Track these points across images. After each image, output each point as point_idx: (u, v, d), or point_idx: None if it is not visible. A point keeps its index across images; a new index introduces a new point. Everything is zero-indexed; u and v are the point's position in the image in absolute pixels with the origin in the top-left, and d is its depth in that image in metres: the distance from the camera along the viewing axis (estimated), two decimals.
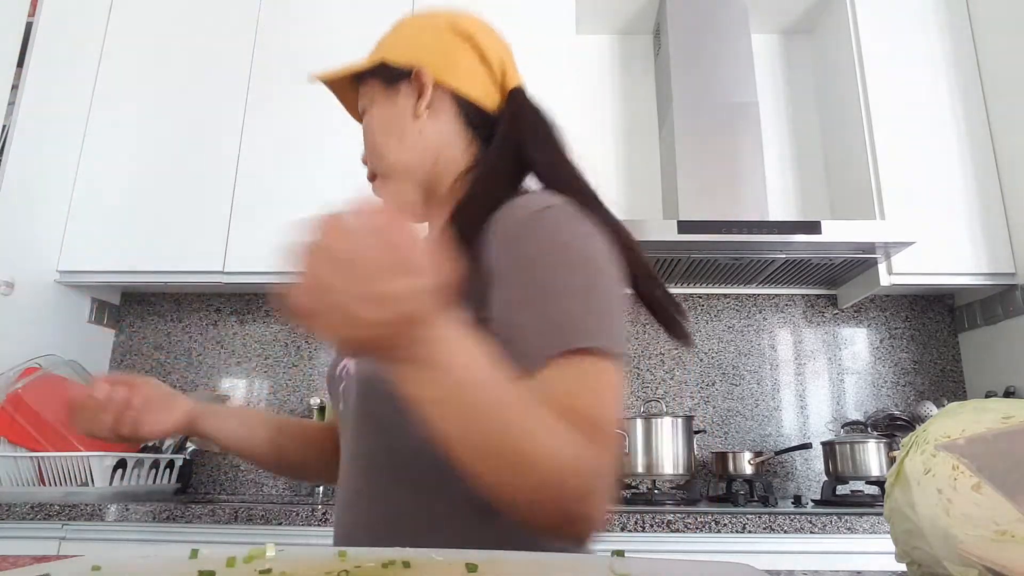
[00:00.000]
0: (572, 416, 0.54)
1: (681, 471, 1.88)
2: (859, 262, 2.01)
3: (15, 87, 1.96)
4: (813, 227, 1.86)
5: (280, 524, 1.56)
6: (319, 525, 1.57)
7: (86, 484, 1.73)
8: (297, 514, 1.57)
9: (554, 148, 0.77)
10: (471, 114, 0.77)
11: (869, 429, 2.05)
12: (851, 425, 2.09)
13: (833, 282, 2.23)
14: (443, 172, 0.77)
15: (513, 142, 0.75)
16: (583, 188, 0.73)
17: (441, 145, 0.77)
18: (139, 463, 1.88)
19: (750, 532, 1.53)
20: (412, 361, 0.48)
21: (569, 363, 0.57)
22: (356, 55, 2.31)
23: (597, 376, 0.58)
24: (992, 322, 2.07)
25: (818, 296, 2.31)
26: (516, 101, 0.78)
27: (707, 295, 2.32)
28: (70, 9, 2.15)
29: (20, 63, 1.98)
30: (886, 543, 1.56)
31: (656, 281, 0.71)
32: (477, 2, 2.27)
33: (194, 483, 2.20)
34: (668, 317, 0.70)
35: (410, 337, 0.46)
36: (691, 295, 2.32)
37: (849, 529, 1.52)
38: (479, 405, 0.49)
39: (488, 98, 0.78)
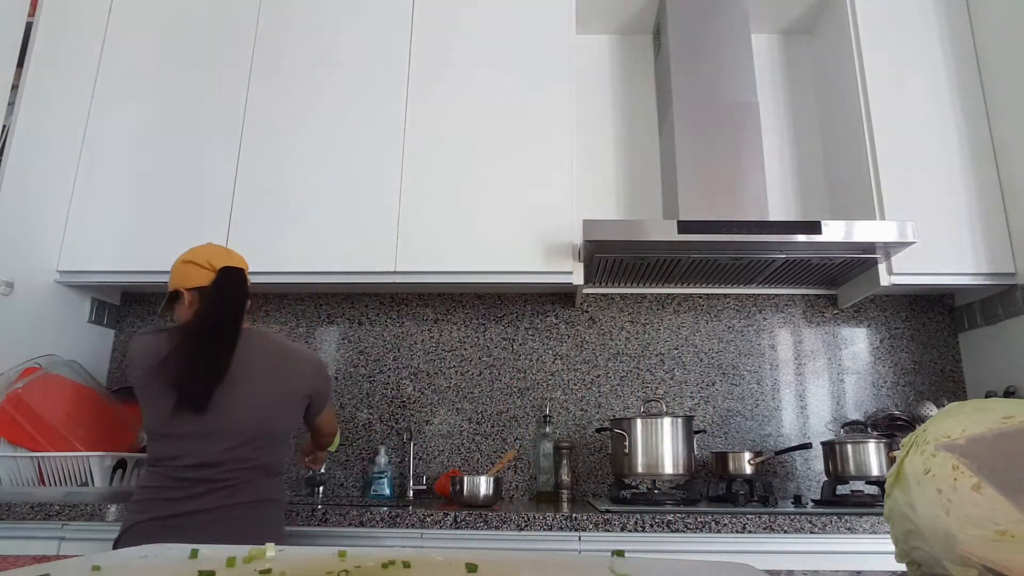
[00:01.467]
0: None
1: (681, 471, 1.88)
2: (859, 262, 2.01)
3: (15, 87, 1.96)
4: (813, 227, 1.86)
5: None
6: (319, 525, 1.57)
7: (86, 484, 1.73)
8: (297, 514, 1.57)
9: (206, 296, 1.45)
10: (199, 293, 1.46)
11: (869, 429, 2.05)
12: (851, 425, 2.09)
13: (833, 282, 2.23)
14: None
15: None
16: (190, 324, 1.41)
17: (187, 319, 1.46)
18: (139, 463, 1.87)
19: (750, 532, 1.53)
20: None
21: None
22: (354, 54, 2.33)
23: None
24: (992, 322, 2.07)
25: (818, 296, 2.31)
26: (220, 275, 1.46)
27: (707, 295, 2.32)
28: (70, 9, 2.15)
29: (20, 63, 1.98)
30: (886, 543, 1.57)
31: (175, 364, 1.34)
32: (478, 3, 2.29)
33: None
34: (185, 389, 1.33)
35: None
36: (691, 295, 2.32)
37: (849, 529, 1.52)
38: None
39: (205, 279, 1.45)
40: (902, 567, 0.59)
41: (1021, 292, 1.95)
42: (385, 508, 1.60)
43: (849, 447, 1.88)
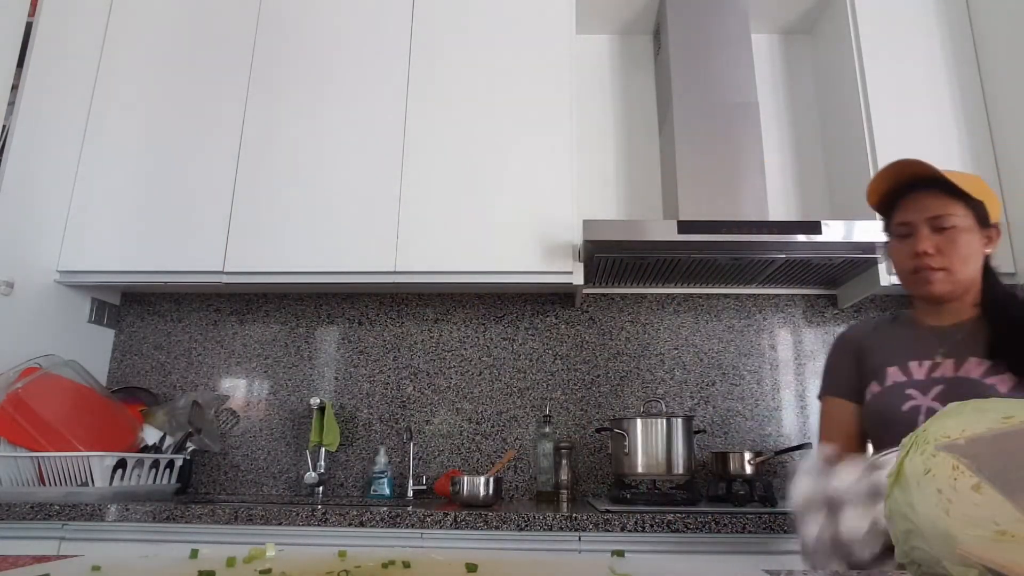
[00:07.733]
0: None
1: (681, 471, 1.88)
2: (859, 262, 2.01)
3: (15, 87, 1.96)
4: (813, 227, 1.86)
5: (280, 524, 1.56)
6: (319, 525, 1.57)
7: (86, 484, 1.73)
8: (297, 514, 1.57)
9: None
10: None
11: None
12: None
13: (833, 282, 2.23)
14: (974, 285, 1.23)
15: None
16: None
17: (979, 270, 1.22)
18: (139, 463, 1.87)
19: (750, 532, 1.53)
20: None
21: None
22: (354, 54, 2.32)
23: None
24: None
25: (818, 296, 2.31)
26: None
27: (707, 295, 2.32)
28: (70, 9, 2.15)
29: (20, 63, 1.98)
30: None
31: None
32: (479, 3, 2.29)
33: (194, 483, 2.20)
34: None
35: None
36: (691, 295, 2.32)
37: None
38: None
39: None
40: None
41: (1021, 292, 1.94)
42: (385, 508, 1.60)
43: None
